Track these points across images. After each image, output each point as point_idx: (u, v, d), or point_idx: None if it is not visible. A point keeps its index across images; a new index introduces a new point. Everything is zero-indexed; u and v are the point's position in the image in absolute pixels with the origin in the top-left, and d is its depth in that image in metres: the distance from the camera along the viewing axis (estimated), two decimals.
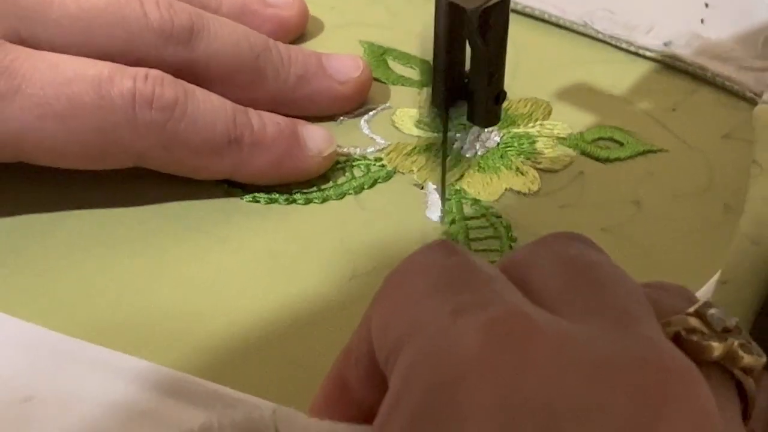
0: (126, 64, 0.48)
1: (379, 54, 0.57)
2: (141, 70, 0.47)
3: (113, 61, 0.48)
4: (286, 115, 0.51)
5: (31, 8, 0.48)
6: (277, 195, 0.49)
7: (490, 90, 0.46)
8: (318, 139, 0.50)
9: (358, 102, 0.54)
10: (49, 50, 0.47)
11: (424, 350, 0.29)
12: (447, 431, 0.27)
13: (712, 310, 0.32)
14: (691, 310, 0.32)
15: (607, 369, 0.27)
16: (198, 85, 0.49)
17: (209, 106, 0.48)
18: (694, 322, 0.31)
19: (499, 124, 0.52)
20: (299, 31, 0.58)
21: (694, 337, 0.31)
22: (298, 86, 0.52)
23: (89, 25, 0.48)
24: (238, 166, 0.48)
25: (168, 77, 0.47)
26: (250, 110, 0.49)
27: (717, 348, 0.31)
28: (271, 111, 0.50)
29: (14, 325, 0.43)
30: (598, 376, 0.27)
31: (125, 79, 0.46)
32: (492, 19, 0.44)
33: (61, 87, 0.46)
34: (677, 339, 0.31)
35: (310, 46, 0.58)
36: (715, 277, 0.42)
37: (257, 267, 0.46)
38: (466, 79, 0.47)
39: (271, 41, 0.52)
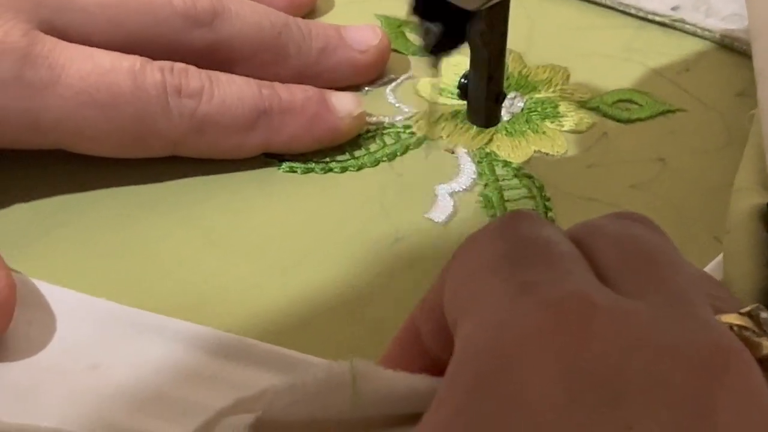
0: (153, 49, 0.49)
1: (396, 26, 0.58)
2: (167, 63, 0.48)
3: (141, 47, 0.49)
4: (311, 84, 0.52)
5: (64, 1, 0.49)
6: (314, 164, 0.50)
7: (490, 91, 0.47)
8: (346, 101, 0.51)
9: (379, 70, 0.55)
10: (79, 39, 0.48)
11: (485, 321, 0.30)
12: (507, 397, 0.28)
13: (765, 314, 0.32)
14: (745, 310, 0.33)
15: (667, 345, 0.28)
16: (223, 66, 0.50)
17: (235, 86, 0.49)
18: (746, 321, 0.32)
19: (522, 90, 0.54)
20: (310, 6, 0.59)
21: (746, 333, 0.32)
22: (321, 59, 0.53)
23: (117, 12, 0.49)
24: (271, 135, 0.50)
25: (192, 68, 0.49)
26: (276, 84, 0.50)
27: (767, 347, 0.31)
28: (296, 81, 0.52)
29: (77, 297, 0.44)
30: (659, 352, 0.28)
31: (155, 71, 0.48)
32: (493, 20, 0.45)
33: (100, 77, 0.47)
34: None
35: (326, 21, 0.59)
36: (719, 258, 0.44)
37: (300, 234, 0.47)
38: (464, 79, 0.48)
39: (290, 18, 0.53)
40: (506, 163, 0.51)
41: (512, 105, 0.53)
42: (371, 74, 0.55)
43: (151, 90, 0.47)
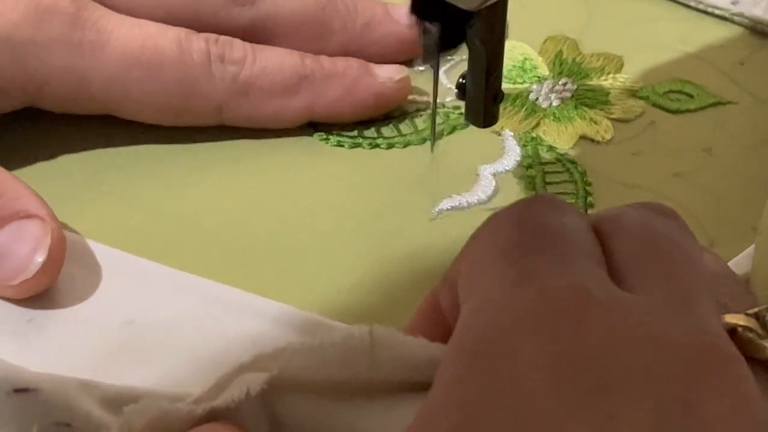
0: (195, 26, 0.50)
1: None
2: (212, 35, 0.50)
3: (184, 23, 0.50)
4: (358, 57, 0.53)
5: None
6: (361, 140, 0.51)
7: (488, 90, 0.47)
8: (387, 68, 0.52)
9: None
10: (125, 12, 0.50)
11: (485, 302, 0.31)
12: (498, 375, 0.28)
13: None
14: (752, 311, 0.33)
15: (658, 340, 0.28)
16: (266, 40, 0.51)
17: (276, 55, 0.50)
18: (751, 322, 0.32)
19: (574, 76, 0.54)
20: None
21: (750, 335, 0.32)
22: (365, 33, 0.54)
23: None
24: (314, 100, 0.51)
25: (236, 40, 0.50)
26: (319, 56, 0.52)
27: None
28: (342, 54, 0.53)
29: (119, 255, 0.45)
30: (648, 346, 0.28)
31: (200, 40, 0.49)
32: (490, 20, 0.45)
33: (146, 40, 0.48)
34: (733, 333, 0.32)
35: None
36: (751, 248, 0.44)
37: (345, 207, 0.48)
38: (462, 79, 0.48)
39: None
40: (551, 148, 0.51)
41: (563, 91, 0.54)
42: (418, 50, 0.55)
43: (195, 55, 0.49)
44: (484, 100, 0.47)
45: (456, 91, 0.53)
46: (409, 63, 0.54)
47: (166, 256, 0.45)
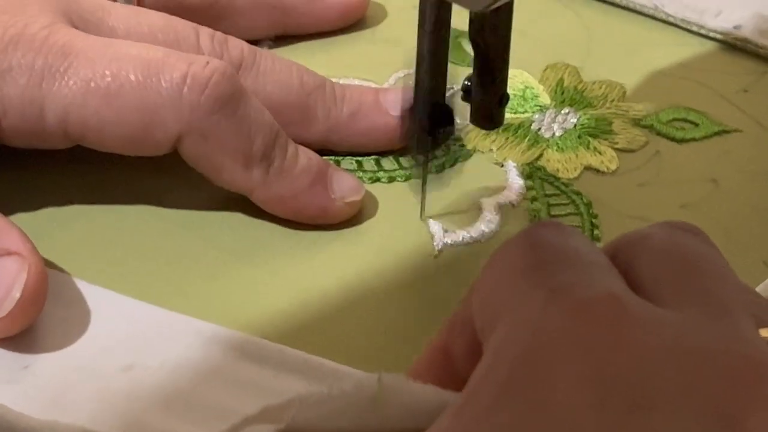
0: None
1: (453, 37, 0.58)
2: (202, 58, 0.46)
3: None
4: (339, 150, 0.51)
5: (91, 11, 0.48)
6: (361, 174, 0.50)
7: (494, 92, 0.46)
8: (345, 184, 0.48)
9: None
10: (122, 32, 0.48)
11: (517, 326, 0.30)
12: (536, 399, 0.28)
13: None
14: None
15: (697, 355, 0.28)
16: None
17: (259, 117, 0.47)
18: None
19: (576, 105, 0.53)
20: (360, 14, 0.59)
21: None
22: (350, 123, 0.51)
23: (141, 41, 0.48)
24: (261, 186, 0.47)
25: (232, 72, 0.47)
26: (287, 145, 0.48)
27: None
28: (323, 144, 0.51)
29: (114, 297, 0.44)
30: (690, 361, 0.28)
31: (180, 62, 0.46)
32: (496, 22, 0.44)
33: (109, 63, 0.45)
34: None
35: (377, 31, 0.59)
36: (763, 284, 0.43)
37: (342, 242, 0.47)
38: (468, 81, 0.47)
39: (328, 81, 0.51)
40: (555, 179, 0.50)
41: (565, 120, 0.53)
42: (406, 140, 0.51)
43: (164, 82, 0.45)
44: (489, 102, 0.46)
45: (461, 93, 0.52)
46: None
47: (161, 298, 0.44)
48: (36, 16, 0.46)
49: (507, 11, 0.44)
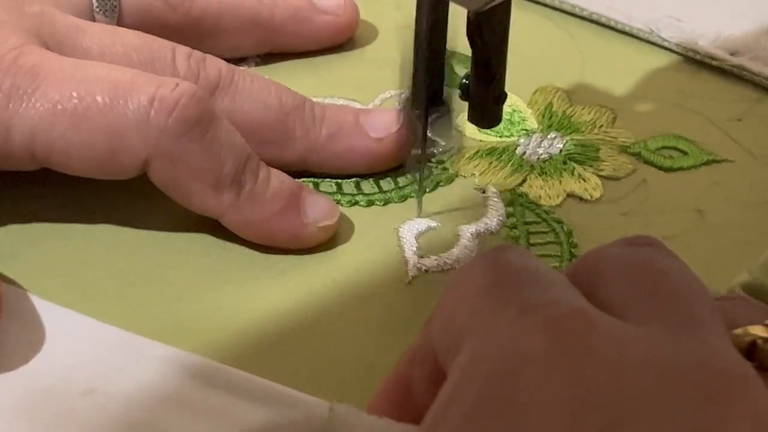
0: None
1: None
2: (171, 80, 0.46)
3: None
4: (317, 171, 0.50)
5: (65, 32, 0.48)
6: (340, 197, 0.49)
7: (492, 91, 0.46)
8: (319, 208, 0.47)
9: (396, 159, 0.51)
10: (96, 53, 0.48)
11: (486, 345, 0.30)
12: (509, 420, 0.28)
13: None
14: None
15: (667, 370, 0.28)
16: None
17: (230, 140, 0.46)
18: None
19: (563, 130, 0.53)
20: (350, 34, 0.58)
21: None
22: (329, 145, 0.50)
23: (116, 62, 0.47)
24: (231, 210, 0.46)
25: (202, 94, 0.46)
26: (260, 167, 0.47)
27: None
28: (301, 166, 0.50)
29: (79, 319, 0.44)
30: (661, 376, 0.28)
31: (147, 85, 0.45)
32: (494, 21, 0.44)
33: (77, 85, 0.45)
34: (752, 347, 0.32)
35: (367, 51, 0.58)
36: None
37: (314, 267, 0.47)
38: (466, 80, 0.47)
39: (308, 101, 0.50)
40: (537, 206, 0.49)
41: (551, 146, 0.52)
42: (387, 163, 0.51)
43: (131, 105, 0.45)
44: (487, 101, 0.46)
45: (459, 92, 0.51)
46: None
47: (127, 321, 0.44)
48: (6, 38, 0.46)
49: (505, 10, 0.44)
